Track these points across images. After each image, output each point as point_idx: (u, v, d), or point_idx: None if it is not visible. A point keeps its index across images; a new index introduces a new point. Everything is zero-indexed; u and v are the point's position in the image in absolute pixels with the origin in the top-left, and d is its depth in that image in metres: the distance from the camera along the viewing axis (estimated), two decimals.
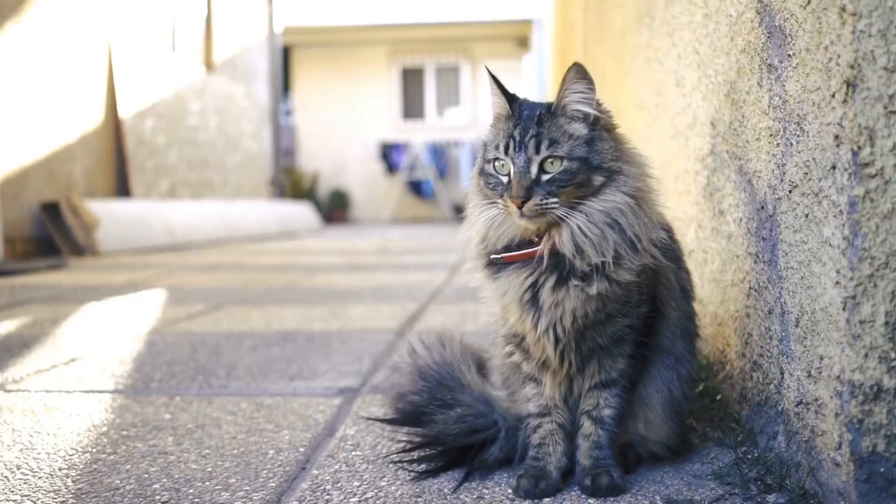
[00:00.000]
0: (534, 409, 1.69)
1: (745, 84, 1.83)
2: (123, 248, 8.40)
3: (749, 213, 1.84)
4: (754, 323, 1.83)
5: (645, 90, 3.37)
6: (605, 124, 1.56)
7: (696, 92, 2.35)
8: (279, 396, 2.41)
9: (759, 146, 1.74)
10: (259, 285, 5.49)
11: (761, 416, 1.78)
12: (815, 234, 1.42)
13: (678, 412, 1.74)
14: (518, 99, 1.62)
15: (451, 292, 4.88)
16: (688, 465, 1.74)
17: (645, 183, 1.57)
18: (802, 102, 1.47)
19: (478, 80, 18.37)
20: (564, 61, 8.27)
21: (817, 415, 1.45)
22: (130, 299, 4.73)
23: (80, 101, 8.84)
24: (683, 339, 1.76)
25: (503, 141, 1.55)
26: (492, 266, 1.61)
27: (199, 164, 11.62)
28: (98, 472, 1.76)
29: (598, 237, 1.49)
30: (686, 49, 2.48)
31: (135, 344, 3.28)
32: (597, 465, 1.61)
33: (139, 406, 2.31)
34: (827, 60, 1.35)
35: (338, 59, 18.75)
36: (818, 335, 1.43)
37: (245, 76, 13.85)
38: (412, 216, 18.30)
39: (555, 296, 1.53)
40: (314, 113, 18.62)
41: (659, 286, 1.68)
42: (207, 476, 1.72)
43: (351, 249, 9.13)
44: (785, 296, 1.60)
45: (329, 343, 3.25)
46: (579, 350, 1.60)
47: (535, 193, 1.50)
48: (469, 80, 18.62)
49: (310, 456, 1.86)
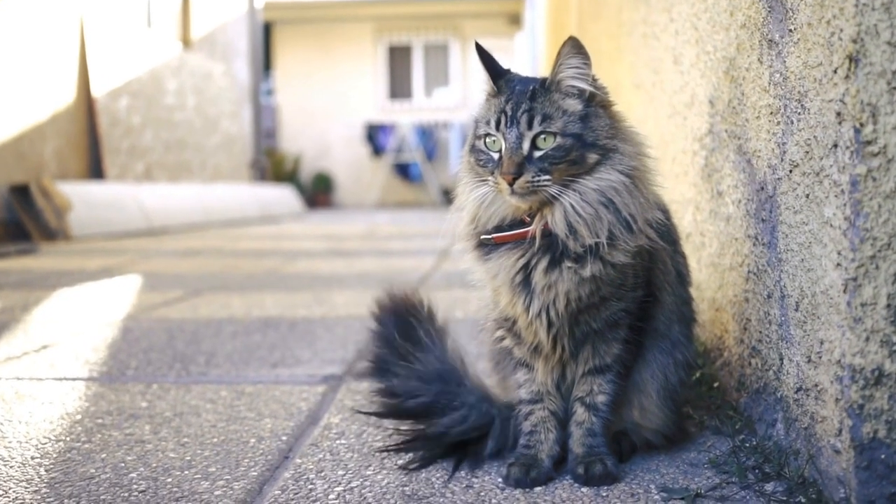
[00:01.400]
0: (525, 396, 1.70)
1: (745, 60, 1.84)
2: (97, 233, 8.35)
3: (748, 194, 1.85)
4: (753, 307, 1.84)
5: (641, 68, 3.37)
6: (600, 101, 1.57)
7: (694, 69, 2.36)
8: (261, 384, 2.41)
9: (759, 125, 1.75)
10: (239, 271, 5.48)
11: (760, 403, 1.80)
12: (816, 214, 1.44)
13: (674, 399, 1.75)
14: (508, 73, 1.62)
15: (440, 278, 4.89)
16: (684, 453, 1.76)
17: (641, 162, 1.57)
18: (804, 79, 1.48)
19: (468, 59, 18.31)
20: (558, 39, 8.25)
21: (817, 401, 1.46)
22: (104, 285, 4.71)
23: (50, 79, 8.76)
24: (680, 323, 1.77)
25: (494, 116, 1.55)
26: (482, 247, 1.61)
27: (175, 146, 11.55)
28: (72, 460, 1.76)
29: (591, 217, 1.50)
30: (684, 25, 2.48)
31: (109, 331, 3.27)
32: (590, 454, 1.62)
33: (114, 394, 2.31)
34: (829, 35, 1.36)
35: (322, 37, 18.65)
36: (818, 319, 1.44)
37: (224, 54, 13.76)
38: (399, 200, 18.27)
39: (547, 278, 1.54)
40: (297, 93, 18.52)
41: (655, 269, 1.69)
42: (186, 465, 1.72)
43: (335, 234, 9.12)
44: (785, 279, 1.61)
45: (312, 330, 3.25)
46: (572, 334, 1.61)
47: (527, 170, 1.50)
48: (458, 58, 18.56)
49: (292, 444, 1.87)
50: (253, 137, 14.87)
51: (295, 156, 18.03)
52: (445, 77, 18.78)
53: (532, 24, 13.73)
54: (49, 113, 8.72)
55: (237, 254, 6.84)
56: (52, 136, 8.78)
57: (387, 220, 12.44)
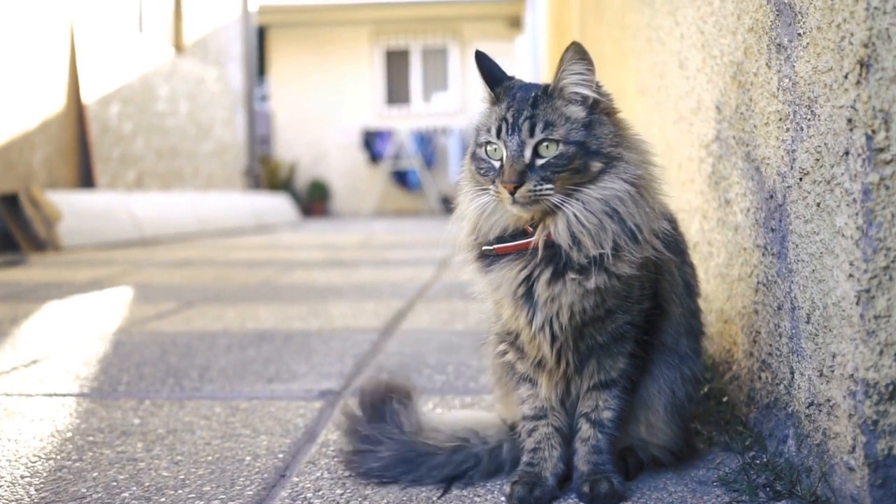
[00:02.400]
0: (528, 412, 1.70)
1: (753, 65, 1.84)
2: (87, 243, 8.35)
3: (757, 202, 1.85)
4: (763, 320, 1.84)
5: (646, 73, 3.38)
6: (604, 108, 1.57)
7: (700, 74, 2.36)
8: (256, 400, 2.41)
9: (768, 131, 1.75)
10: (233, 282, 5.48)
11: (770, 418, 1.79)
12: (828, 224, 1.43)
13: (682, 414, 1.75)
14: (509, 80, 1.62)
15: (440, 289, 4.89)
16: (692, 470, 1.75)
17: (647, 170, 1.57)
18: (813, 84, 1.48)
19: (467, 63, 18.34)
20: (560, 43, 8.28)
21: (829, 416, 1.46)
22: (95, 297, 4.71)
23: (40, 85, 8.78)
24: (687, 336, 1.76)
25: (496, 124, 1.55)
26: (484, 258, 1.61)
27: (167, 153, 11.57)
28: (63, 479, 1.75)
29: (595, 227, 1.50)
30: (690, 28, 2.48)
31: (100, 344, 3.26)
32: (595, 471, 1.62)
33: (106, 410, 2.31)
34: (839, 39, 1.36)
35: (317, 41, 18.70)
36: (830, 332, 1.44)
37: (217, 58, 13.79)
38: (397, 208, 18.29)
39: (550, 290, 1.54)
40: (292, 98, 18.56)
41: (662, 281, 1.68)
42: (180, 484, 1.72)
43: (331, 244, 9.12)
44: (795, 290, 1.61)
45: (309, 343, 3.24)
46: (577, 348, 1.61)
47: (529, 179, 1.50)
48: (458, 62, 18.61)
49: (289, 462, 1.86)
50: (247, 144, 14.89)
51: (290, 163, 18.05)
52: (444, 82, 18.82)
53: (533, 26, 13.77)
54: (38, 120, 8.73)
55: (231, 264, 6.84)
56: (42, 144, 8.79)
57: (384, 228, 12.44)
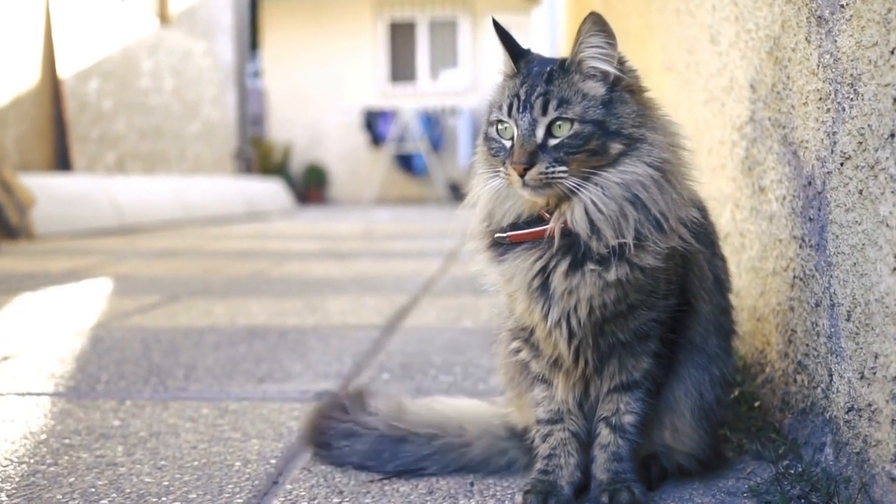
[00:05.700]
0: (543, 415, 1.70)
1: (791, 40, 1.84)
2: (63, 231, 8.39)
3: (794, 189, 1.85)
4: (799, 317, 1.84)
5: (674, 49, 3.38)
6: (627, 85, 1.56)
7: (733, 50, 2.36)
8: (246, 401, 2.42)
9: (807, 112, 1.75)
10: (222, 274, 5.50)
11: (806, 424, 1.80)
12: (871, 213, 1.43)
13: (710, 419, 1.75)
14: (528, 54, 1.62)
15: (447, 283, 4.90)
16: (720, 480, 1.76)
17: (674, 154, 1.56)
18: (857, 60, 1.48)
19: (479, 37, 18.32)
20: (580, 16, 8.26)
21: (871, 422, 1.46)
22: (72, 289, 4.73)
23: (11, 58, 8.80)
24: (717, 335, 1.77)
25: (507, 100, 1.55)
26: (496, 247, 1.61)
27: (151, 134, 11.59)
28: (37, 485, 1.77)
29: (616, 214, 1.50)
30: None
31: (77, 340, 3.28)
32: (615, 480, 1.62)
33: (83, 411, 2.32)
34: (885, 11, 1.36)
35: (315, 12, 18.68)
36: (873, 330, 1.44)
37: (206, 30, 13.80)
38: (401, 195, 18.29)
39: (568, 282, 1.54)
40: (287, 75, 18.55)
41: (689, 275, 1.68)
42: (164, 491, 1.73)
43: (329, 234, 9.14)
44: (835, 285, 1.61)
45: (304, 340, 3.26)
46: (597, 346, 1.61)
47: (540, 160, 1.50)
48: (468, 36, 18.58)
49: (282, 468, 1.88)
50: (237, 124, 14.90)
51: (284, 145, 18.06)
52: (453, 57, 18.79)
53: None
54: (10, 96, 8.76)
55: (220, 255, 6.85)
56: (14, 123, 8.82)
57: (387, 217, 12.45)
